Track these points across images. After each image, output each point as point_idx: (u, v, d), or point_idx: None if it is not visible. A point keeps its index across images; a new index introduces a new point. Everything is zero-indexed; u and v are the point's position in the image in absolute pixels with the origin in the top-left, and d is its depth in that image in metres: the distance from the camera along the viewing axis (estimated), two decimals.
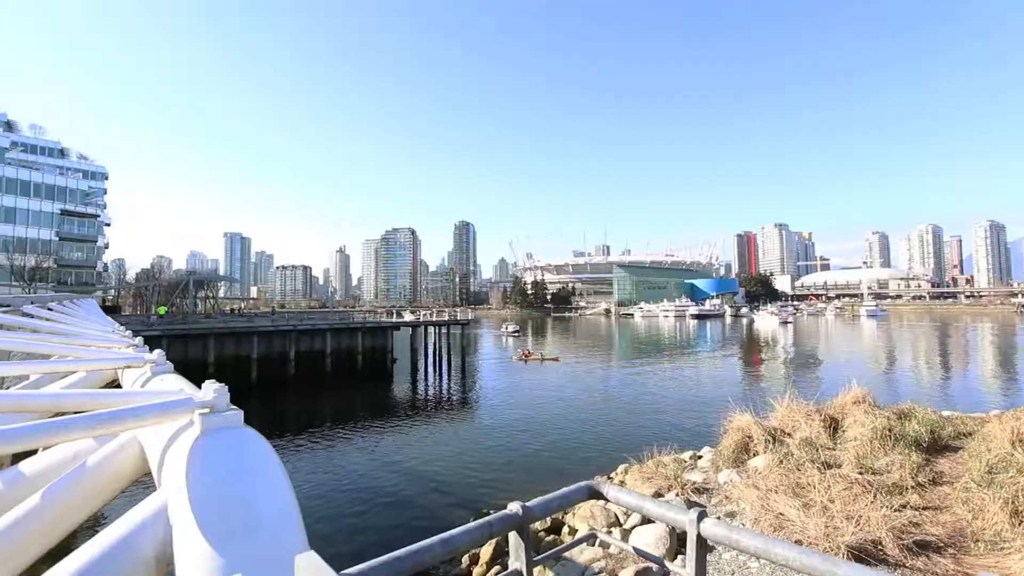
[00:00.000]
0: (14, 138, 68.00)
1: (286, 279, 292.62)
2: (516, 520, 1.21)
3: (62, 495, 1.96)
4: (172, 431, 1.86)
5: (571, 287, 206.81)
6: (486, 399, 28.13)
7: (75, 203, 68.38)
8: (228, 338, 34.33)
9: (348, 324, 40.85)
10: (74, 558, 1.35)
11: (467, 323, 45.35)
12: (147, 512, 1.47)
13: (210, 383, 1.83)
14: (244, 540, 1.34)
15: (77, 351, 5.13)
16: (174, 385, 2.71)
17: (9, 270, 58.18)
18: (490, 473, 15.67)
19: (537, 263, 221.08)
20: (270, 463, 1.59)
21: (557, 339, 70.89)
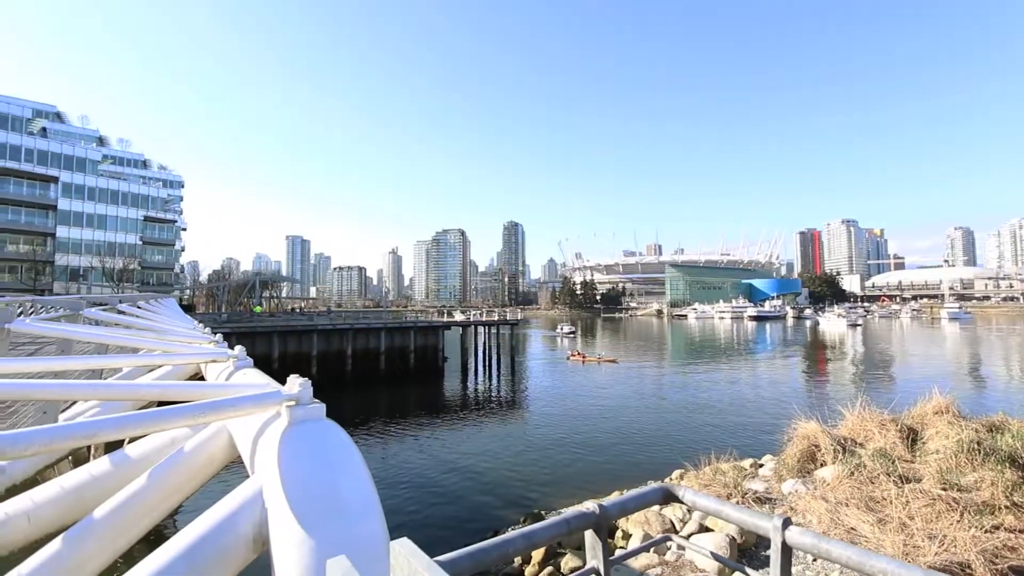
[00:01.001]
0: (105, 151, 74.65)
1: (342, 279, 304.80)
2: (592, 519, 1.22)
3: (165, 476, 2.16)
4: (260, 421, 2.01)
5: (621, 287, 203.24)
6: (536, 399, 28.16)
7: (156, 210, 74.28)
8: (291, 336, 36.15)
9: (401, 323, 42.06)
10: (186, 533, 1.49)
11: (516, 323, 45.61)
12: (245, 495, 1.59)
13: (294, 378, 1.97)
14: (332, 525, 1.43)
15: (165, 346, 5.59)
16: (256, 379, 2.91)
17: (101, 271, 64.17)
18: (540, 474, 15.67)
19: (586, 263, 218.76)
20: (352, 454, 1.69)
21: (608, 340, 69.92)
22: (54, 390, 2.71)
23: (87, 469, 2.63)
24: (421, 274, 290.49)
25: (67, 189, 65.14)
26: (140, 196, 72.40)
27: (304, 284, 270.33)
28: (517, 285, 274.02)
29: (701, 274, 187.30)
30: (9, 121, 61.91)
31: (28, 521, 2.54)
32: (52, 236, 63.86)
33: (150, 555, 1.46)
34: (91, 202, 67.25)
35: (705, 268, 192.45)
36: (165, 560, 1.41)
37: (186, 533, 1.51)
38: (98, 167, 69.04)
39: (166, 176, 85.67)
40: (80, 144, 68.00)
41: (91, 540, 1.96)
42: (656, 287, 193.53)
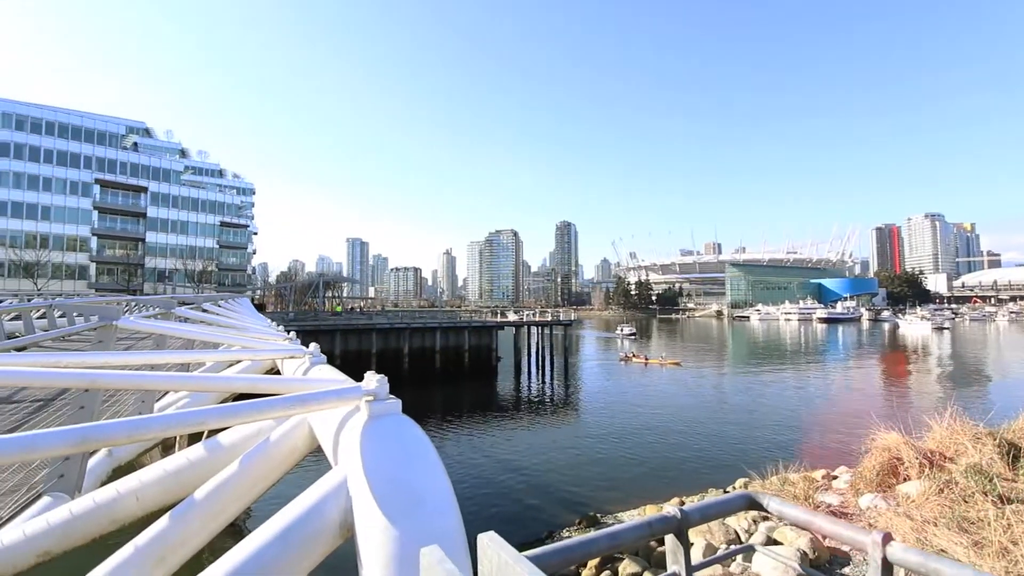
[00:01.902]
0: (186, 163, 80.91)
1: (399, 280, 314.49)
2: (674, 523, 1.20)
3: (255, 463, 2.33)
4: (340, 415, 2.13)
5: (678, 287, 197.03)
6: (590, 401, 27.86)
7: (231, 215, 79.76)
8: (351, 334, 37.72)
9: (455, 323, 42.84)
10: (280, 516, 1.61)
11: (569, 324, 45.31)
12: (331, 484, 1.69)
13: (371, 374, 2.06)
14: (413, 516, 1.49)
15: (244, 342, 6.00)
16: (331, 375, 3.07)
17: (184, 273, 69.79)
18: (594, 477, 15.49)
19: (641, 263, 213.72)
20: (428, 450, 1.76)
21: (664, 341, 67.98)
22: (153, 381, 2.97)
23: (185, 455, 2.88)
24: (474, 274, 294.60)
25: (155, 198, 71.33)
26: (217, 203, 78.06)
27: (363, 284, 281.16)
28: (570, 285, 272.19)
29: (764, 273, 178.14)
30: (107, 138, 68.57)
31: (136, 500, 2.81)
32: (142, 241, 70.13)
33: (250, 535, 1.58)
34: (175, 209, 73.24)
35: (769, 267, 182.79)
36: (263, 540, 1.52)
37: (280, 516, 1.63)
38: (180, 177, 75.06)
39: (239, 184, 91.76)
40: (166, 157, 74.21)
41: (193, 518, 2.16)
42: (715, 287, 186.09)
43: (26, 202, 62.44)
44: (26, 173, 62.55)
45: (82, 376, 2.49)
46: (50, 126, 64.49)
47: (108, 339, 4.31)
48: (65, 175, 65.09)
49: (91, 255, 66.40)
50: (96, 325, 4.29)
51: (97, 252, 67.08)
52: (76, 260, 65.16)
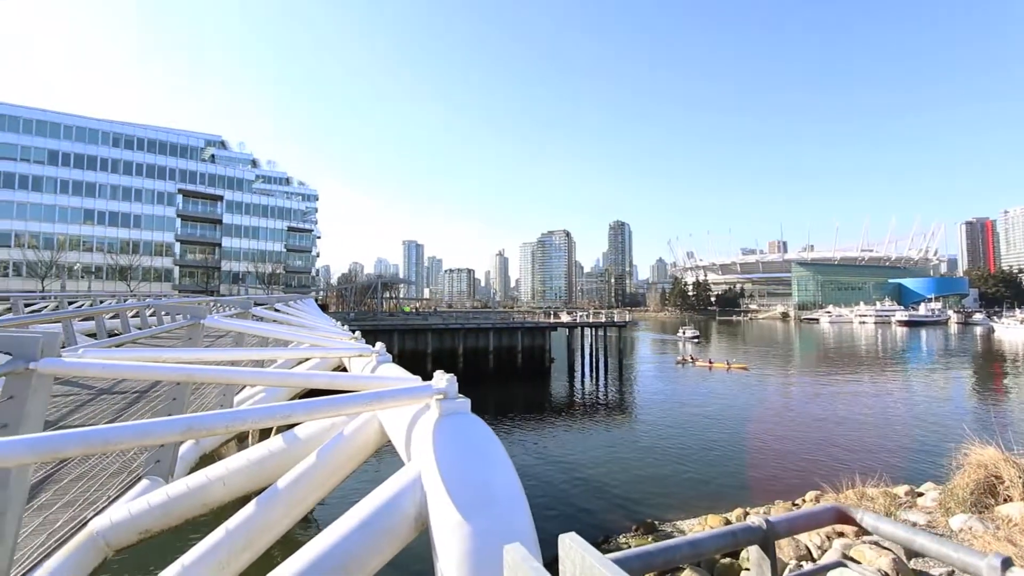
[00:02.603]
0: (257, 172, 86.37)
1: (453, 281, 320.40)
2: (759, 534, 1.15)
3: (331, 456, 2.46)
4: (411, 412, 2.20)
5: (739, 288, 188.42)
6: (646, 405, 27.21)
7: (296, 221, 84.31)
8: (408, 334, 38.82)
9: (508, 324, 43.13)
10: (359, 508, 1.69)
11: (624, 325, 44.45)
12: (406, 479, 1.75)
13: (440, 373, 2.12)
14: (486, 513, 1.51)
15: (313, 340, 6.33)
16: (397, 373, 3.17)
17: (255, 275, 74.58)
18: (651, 482, 15.12)
19: (699, 263, 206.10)
20: (498, 448, 1.78)
21: (726, 344, 65.26)
22: (238, 376, 3.18)
23: (266, 445, 3.08)
24: (527, 275, 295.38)
25: (229, 206, 76.66)
26: (284, 209, 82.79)
27: (418, 286, 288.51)
28: (624, 286, 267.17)
29: (836, 273, 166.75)
30: (188, 151, 74.44)
31: (223, 485, 3.04)
32: (219, 246, 75.56)
33: (332, 524, 1.67)
34: (247, 216, 78.36)
35: (841, 266, 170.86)
36: (346, 529, 1.60)
37: (360, 508, 1.70)
38: (252, 186, 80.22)
39: (304, 191, 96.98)
40: (239, 167, 79.56)
41: (277, 505, 2.30)
42: (780, 288, 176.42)
43: (121, 211, 68.87)
44: (121, 185, 69.01)
45: (177, 370, 2.72)
46: (140, 142, 70.81)
47: (196, 336, 4.69)
48: (153, 186, 71.22)
49: (175, 259, 72.29)
50: (186, 324, 4.67)
51: (180, 256, 72.94)
52: (162, 264, 71.14)
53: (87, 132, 67.37)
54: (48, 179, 64.51)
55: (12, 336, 2.28)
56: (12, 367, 2.15)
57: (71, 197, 65.75)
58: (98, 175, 67.49)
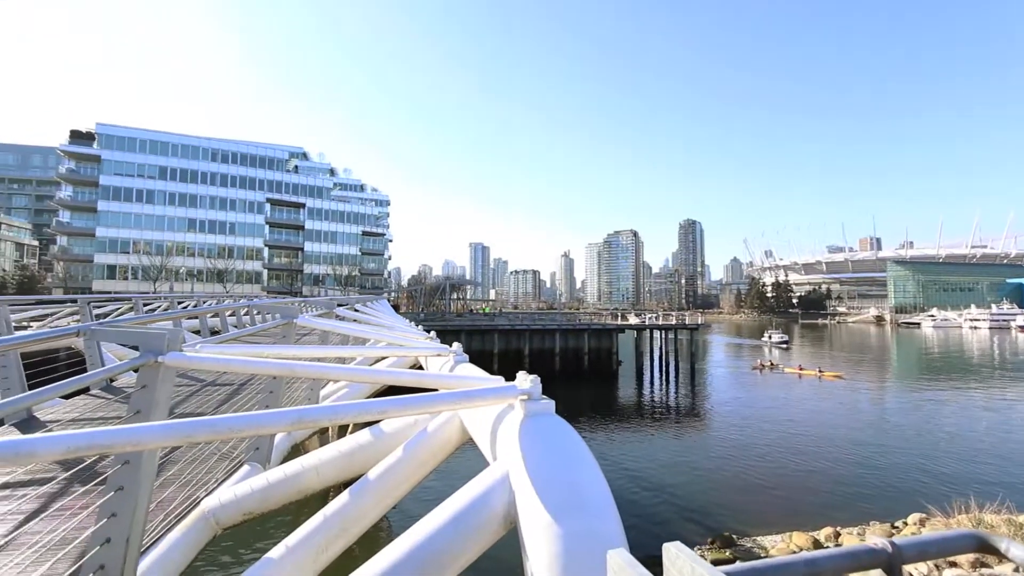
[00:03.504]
0: (335, 180, 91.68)
1: (518, 282, 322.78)
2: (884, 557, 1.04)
3: (416, 451, 2.55)
4: (493, 411, 2.24)
5: (825, 289, 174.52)
6: (721, 412, 25.94)
7: (370, 225, 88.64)
8: (475, 334, 39.54)
9: (575, 325, 42.76)
10: (450, 503, 1.74)
11: (696, 328, 42.67)
12: (494, 478, 1.78)
13: (523, 374, 2.14)
14: (576, 516, 1.50)
15: (390, 338, 6.61)
16: (476, 372, 3.24)
17: (333, 277, 79.31)
18: (726, 494, 14.40)
19: (779, 262, 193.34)
20: (586, 451, 1.77)
21: (810, 350, 60.69)
22: (328, 371, 3.38)
23: (355, 438, 3.26)
24: (593, 276, 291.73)
25: (311, 212, 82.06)
26: (359, 214, 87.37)
27: (484, 287, 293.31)
28: (695, 287, 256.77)
29: (940, 272, 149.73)
30: (275, 163, 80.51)
31: (317, 474, 3.25)
32: (301, 250, 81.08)
33: (423, 518, 1.73)
34: (326, 222, 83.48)
35: (946, 265, 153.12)
36: (438, 523, 1.66)
37: (450, 504, 1.76)
38: (330, 193, 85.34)
39: (377, 196, 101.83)
40: (319, 176, 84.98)
41: (368, 496, 2.43)
42: (873, 288, 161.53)
43: (218, 220, 75.80)
44: (218, 196, 75.96)
45: (279, 365, 2.94)
46: (235, 156, 77.58)
47: (290, 334, 5.06)
48: (245, 196, 77.75)
49: (264, 263, 78.46)
50: (281, 323, 5.05)
51: (268, 260, 79.06)
52: (253, 267, 77.45)
53: (190, 149, 74.81)
54: (159, 192, 72.30)
55: (143, 332, 2.57)
56: (144, 360, 2.42)
57: (177, 208, 73.25)
58: (199, 187, 74.73)
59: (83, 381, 2.20)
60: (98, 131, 70.66)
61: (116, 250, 69.33)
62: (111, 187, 69.77)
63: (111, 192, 69.76)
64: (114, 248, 69.31)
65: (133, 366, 2.42)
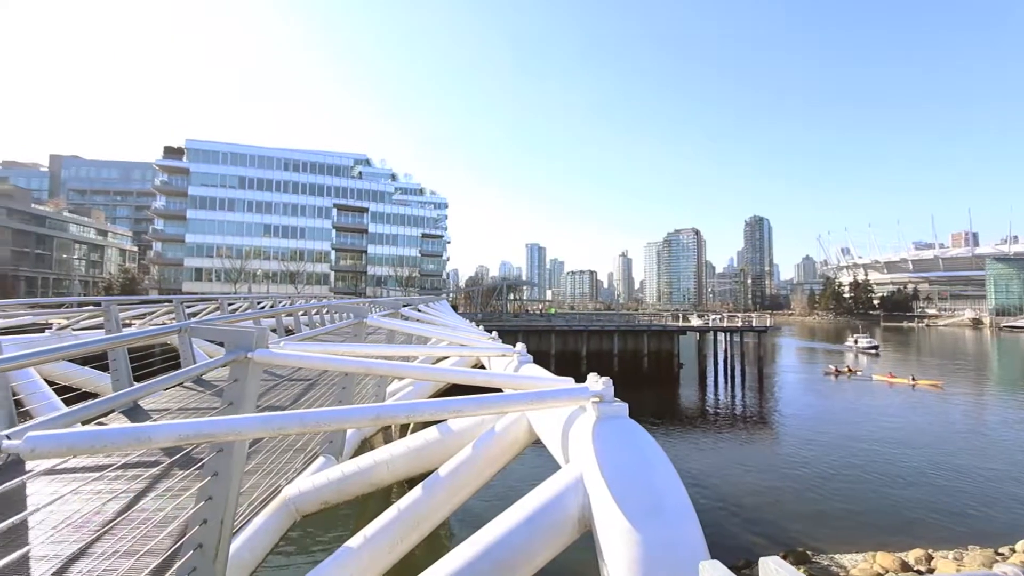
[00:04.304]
0: (395, 184, 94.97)
1: (575, 283, 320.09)
2: None
3: (485, 450, 2.59)
4: (563, 413, 2.23)
5: (911, 289, 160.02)
6: (793, 420, 24.47)
7: (429, 228, 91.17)
8: (532, 335, 39.58)
9: (634, 326, 41.82)
10: (523, 504, 1.75)
11: (764, 330, 40.47)
12: (567, 480, 1.77)
13: (594, 376, 2.11)
14: (655, 521, 1.47)
15: (452, 338, 6.75)
16: (542, 373, 3.24)
17: (395, 279, 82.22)
18: (796, 506, 13.59)
19: (858, 260, 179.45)
20: (662, 455, 1.72)
21: (896, 355, 55.85)
22: (393, 369, 3.49)
23: (423, 435, 3.36)
24: (652, 276, 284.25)
25: (373, 216, 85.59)
26: (418, 217, 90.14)
27: (541, 288, 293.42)
28: (763, 287, 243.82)
29: None
30: (341, 170, 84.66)
31: (387, 469, 3.38)
32: (365, 253, 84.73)
33: (498, 517, 1.75)
34: (387, 225, 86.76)
35: None
36: (513, 523, 1.67)
37: (524, 504, 1.76)
38: (391, 198, 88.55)
39: (436, 199, 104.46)
40: (381, 181, 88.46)
41: (440, 492, 2.49)
42: (968, 288, 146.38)
43: (290, 225, 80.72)
44: (290, 203, 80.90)
45: (356, 363, 3.08)
46: (304, 164, 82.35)
47: (360, 333, 5.30)
48: (314, 202, 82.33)
49: (331, 265, 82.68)
50: (352, 322, 5.30)
51: (335, 262, 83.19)
52: (321, 269, 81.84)
53: (265, 159, 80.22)
54: (239, 200, 78.07)
55: (235, 330, 2.78)
56: (236, 356, 2.61)
57: (254, 214, 78.73)
58: (273, 195, 79.94)
59: (188, 374, 2.41)
60: (187, 146, 77.36)
61: (202, 254, 75.59)
62: (198, 197, 76.11)
63: (198, 201, 76.09)
64: (200, 252, 75.58)
65: (226, 361, 2.62)
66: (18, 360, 2.63)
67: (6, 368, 2.65)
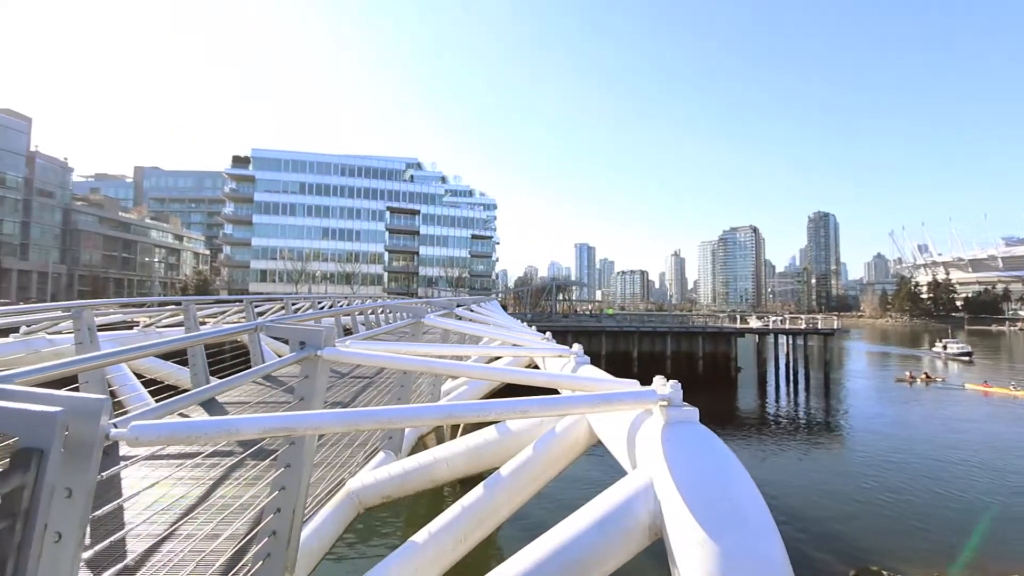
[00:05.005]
0: (446, 187, 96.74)
1: (625, 283, 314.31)
2: None
3: (546, 451, 2.58)
4: (626, 416, 2.18)
5: (1002, 289, 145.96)
6: (864, 430, 22.92)
7: (479, 229, 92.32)
8: (582, 335, 39.18)
9: (688, 328, 40.59)
10: (591, 508, 1.72)
11: (831, 333, 38.14)
12: (636, 485, 1.73)
13: (661, 379, 2.05)
14: (735, 534, 1.40)
15: (507, 338, 6.78)
16: (598, 374, 3.19)
17: (445, 279, 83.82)
18: (868, 522, 12.73)
19: (937, 257, 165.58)
20: (738, 465, 1.65)
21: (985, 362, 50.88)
22: (453, 368, 3.54)
23: (482, 434, 3.40)
24: (706, 276, 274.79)
25: (424, 218, 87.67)
26: (468, 219, 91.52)
27: (590, 288, 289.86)
28: (828, 287, 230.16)
29: None
30: (393, 174, 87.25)
31: (447, 466, 3.44)
32: (416, 254, 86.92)
33: (566, 519, 1.73)
34: (438, 226, 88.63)
35: None
36: (581, 527, 1.65)
37: (591, 508, 1.74)
38: (442, 200, 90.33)
39: (485, 201, 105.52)
40: (431, 184, 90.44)
41: (502, 491, 2.50)
42: None
43: (346, 228, 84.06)
44: (346, 206, 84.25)
45: (413, 361, 3.15)
46: (359, 169, 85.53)
47: (418, 333, 5.43)
48: (369, 206, 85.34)
49: (384, 266, 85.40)
50: (410, 322, 5.43)
51: (388, 264, 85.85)
52: (375, 270, 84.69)
53: (323, 165, 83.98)
54: (299, 205, 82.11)
55: (305, 329, 2.91)
56: (307, 353, 2.73)
57: (313, 218, 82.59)
58: (330, 199, 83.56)
59: (264, 370, 2.54)
60: (252, 154, 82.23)
61: (267, 257, 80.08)
62: (262, 202, 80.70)
63: (262, 207, 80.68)
64: (265, 255, 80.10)
65: (299, 358, 2.74)
66: (115, 356, 2.88)
67: (106, 363, 2.90)
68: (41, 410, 1.17)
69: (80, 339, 5.27)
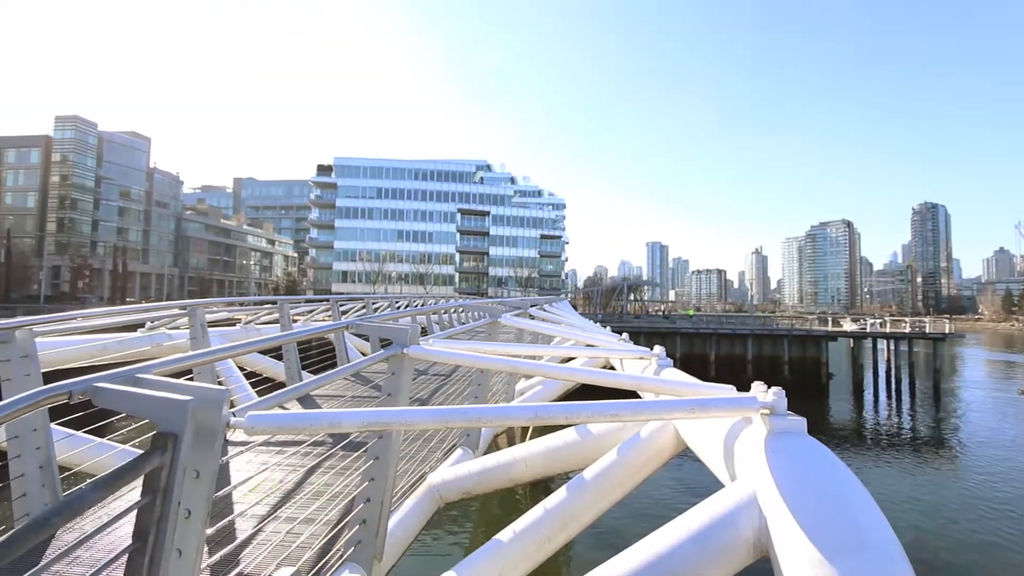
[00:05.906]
0: (515, 188, 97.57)
1: (701, 283, 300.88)
2: None
3: (630, 456, 2.51)
4: (721, 424, 2.06)
5: None
6: (979, 445, 20.34)
7: (547, 229, 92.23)
8: (655, 336, 37.91)
9: (771, 330, 38.08)
10: (688, 518, 1.64)
11: (942, 338, 34.16)
12: (738, 498, 1.62)
13: (759, 384, 1.91)
14: (856, 559, 1.27)
15: (582, 338, 6.70)
16: (683, 378, 3.05)
17: (514, 279, 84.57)
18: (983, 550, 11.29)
19: None
20: (855, 481, 1.50)
21: None
22: (533, 368, 3.54)
23: (561, 436, 3.37)
24: (792, 275, 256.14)
25: (494, 219, 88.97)
26: (537, 219, 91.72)
27: (663, 288, 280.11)
28: (937, 287, 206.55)
29: None
30: (464, 176, 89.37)
31: (526, 465, 3.45)
32: (486, 254, 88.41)
33: (662, 528, 1.66)
34: (507, 227, 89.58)
35: None
36: (678, 538, 1.58)
37: (689, 519, 1.66)
38: (511, 200, 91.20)
39: (553, 201, 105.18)
40: (501, 185, 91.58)
41: (587, 495, 2.46)
42: None
43: (419, 230, 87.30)
44: (419, 209, 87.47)
45: (494, 360, 3.19)
46: (431, 173, 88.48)
47: (495, 333, 5.51)
48: (440, 208, 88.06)
49: (456, 267, 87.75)
50: (487, 321, 5.52)
51: (459, 264, 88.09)
52: (446, 271, 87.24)
53: (397, 170, 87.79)
54: (376, 209, 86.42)
55: (392, 328, 3.03)
56: (394, 351, 2.84)
57: (389, 222, 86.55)
58: (404, 203, 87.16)
59: (355, 367, 2.68)
60: (334, 163, 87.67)
61: (347, 259, 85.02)
62: (343, 207, 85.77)
63: (343, 212, 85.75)
64: (346, 257, 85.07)
65: (386, 356, 2.86)
66: (228, 351, 3.16)
67: (220, 357, 3.21)
68: (176, 398, 1.30)
69: (194, 335, 5.84)
